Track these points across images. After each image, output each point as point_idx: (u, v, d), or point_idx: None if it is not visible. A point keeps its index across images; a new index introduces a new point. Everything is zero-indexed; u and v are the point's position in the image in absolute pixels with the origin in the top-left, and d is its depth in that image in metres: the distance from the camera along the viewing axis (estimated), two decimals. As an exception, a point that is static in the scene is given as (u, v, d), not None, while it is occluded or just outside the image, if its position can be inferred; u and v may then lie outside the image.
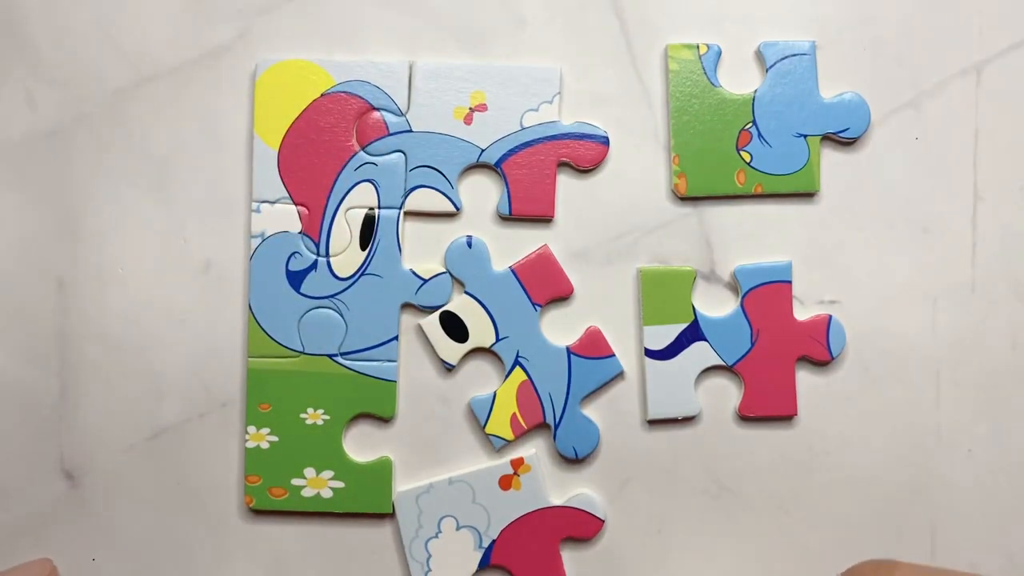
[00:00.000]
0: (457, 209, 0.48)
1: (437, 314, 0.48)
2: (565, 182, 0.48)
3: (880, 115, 0.49)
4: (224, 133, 0.48)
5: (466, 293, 0.48)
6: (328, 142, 0.47)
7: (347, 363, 0.48)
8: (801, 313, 0.48)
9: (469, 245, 0.48)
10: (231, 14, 0.48)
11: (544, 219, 0.48)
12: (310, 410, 0.48)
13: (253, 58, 0.48)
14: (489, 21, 0.48)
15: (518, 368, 0.48)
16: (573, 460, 0.48)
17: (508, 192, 0.47)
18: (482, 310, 0.48)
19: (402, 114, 0.47)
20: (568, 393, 0.47)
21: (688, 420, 0.48)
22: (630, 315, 0.48)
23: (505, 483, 0.48)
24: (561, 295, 0.48)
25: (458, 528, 0.48)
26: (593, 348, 0.48)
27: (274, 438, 0.48)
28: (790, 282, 0.48)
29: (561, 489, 0.48)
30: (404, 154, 0.47)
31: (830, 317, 0.48)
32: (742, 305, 0.48)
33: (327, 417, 0.48)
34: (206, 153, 0.48)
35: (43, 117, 0.49)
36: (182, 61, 0.48)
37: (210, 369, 0.49)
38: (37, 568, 0.46)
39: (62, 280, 0.49)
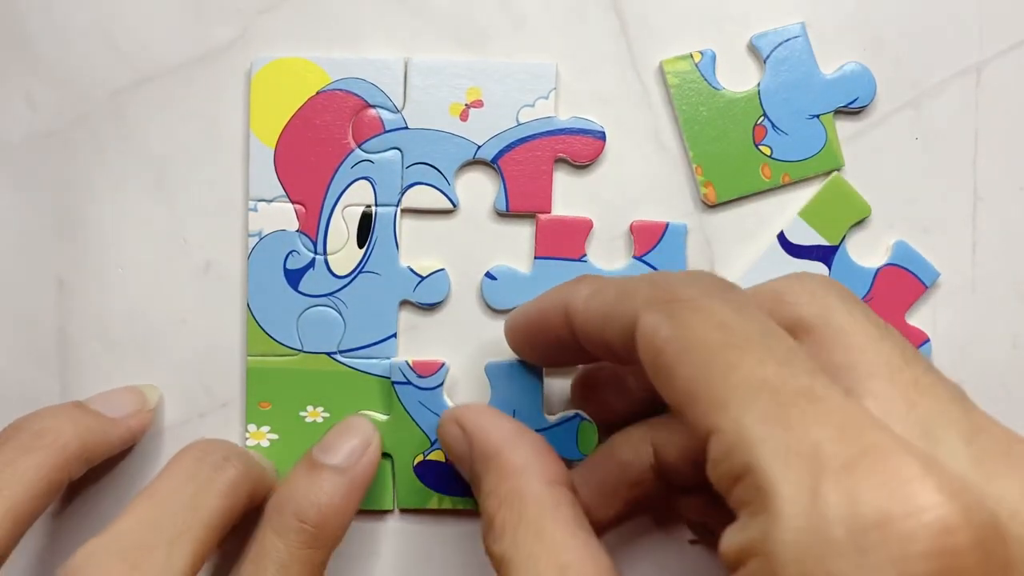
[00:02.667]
0: (454, 206, 0.48)
1: None
2: (562, 178, 0.48)
3: (880, 115, 0.49)
4: (224, 132, 0.48)
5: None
6: (324, 140, 0.47)
7: (346, 361, 0.48)
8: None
9: (494, 278, 0.48)
10: (231, 14, 0.48)
11: (541, 215, 0.48)
12: (310, 408, 0.48)
13: (253, 57, 0.48)
14: (488, 20, 0.48)
15: None
16: None
17: (505, 188, 0.48)
18: None
19: (398, 111, 0.47)
20: None
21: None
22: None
23: None
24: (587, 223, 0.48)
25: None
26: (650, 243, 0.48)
27: (274, 436, 0.48)
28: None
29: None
30: (400, 151, 0.47)
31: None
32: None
33: (327, 415, 0.48)
34: (206, 153, 0.48)
35: (43, 117, 0.49)
36: (182, 61, 0.49)
37: (210, 369, 0.49)
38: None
39: (62, 280, 0.49)
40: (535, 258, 0.48)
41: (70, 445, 0.42)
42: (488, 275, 0.48)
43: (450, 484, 0.48)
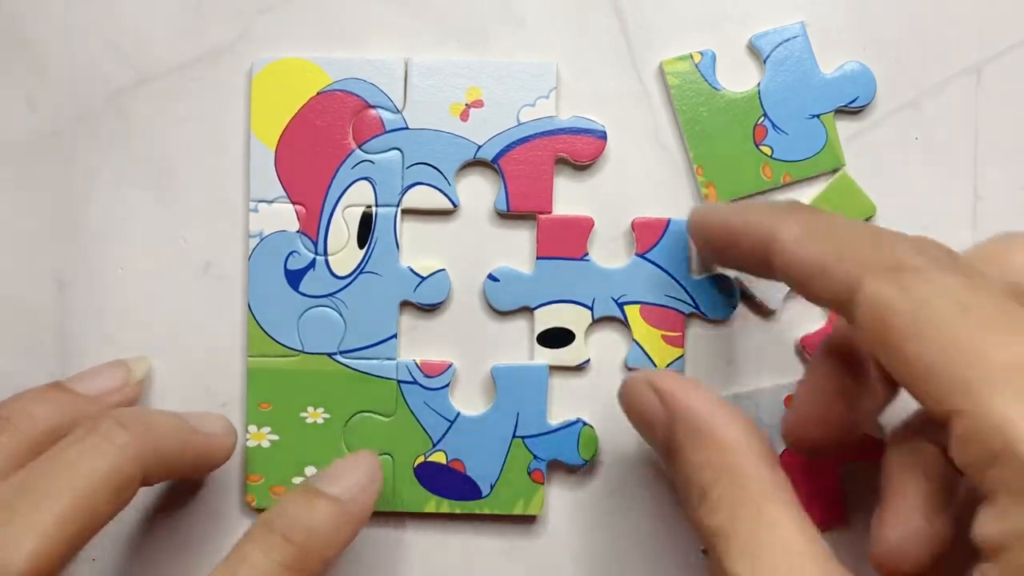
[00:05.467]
0: (455, 206, 0.48)
1: (536, 343, 0.48)
2: (562, 178, 0.48)
3: (880, 115, 0.49)
4: (224, 133, 0.48)
5: (532, 310, 0.48)
6: (325, 140, 0.47)
7: (346, 361, 0.48)
8: (804, 313, 0.48)
9: (496, 279, 0.48)
10: (231, 14, 0.48)
11: (542, 215, 0.48)
12: (310, 408, 0.48)
13: (254, 58, 0.48)
14: (488, 20, 0.48)
15: (626, 306, 0.48)
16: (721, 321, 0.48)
17: (506, 188, 0.47)
18: (557, 306, 0.48)
19: (398, 111, 0.47)
20: (679, 282, 0.48)
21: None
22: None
23: (789, 402, 0.48)
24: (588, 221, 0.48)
25: None
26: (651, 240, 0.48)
27: (275, 437, 0.48)
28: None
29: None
30: (401, 151, 0.47)
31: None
32: (750, 303, 0.48)
33: (327, 415, 0.48)
34: (206, 153, 0.48)
35: (43, 117, 0.49)
36: (182, 61, 0.49)
37: (211, 369, 0.49)
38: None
39: (62, 280, 0.49)
40: (537, 258, 0.48)
41: (39, 426, 0.41)
42: (490, 276, 0.48)
43: (449, 487, 0.48)
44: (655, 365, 0.47)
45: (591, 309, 0.48)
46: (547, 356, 0.48)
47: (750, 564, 0.34)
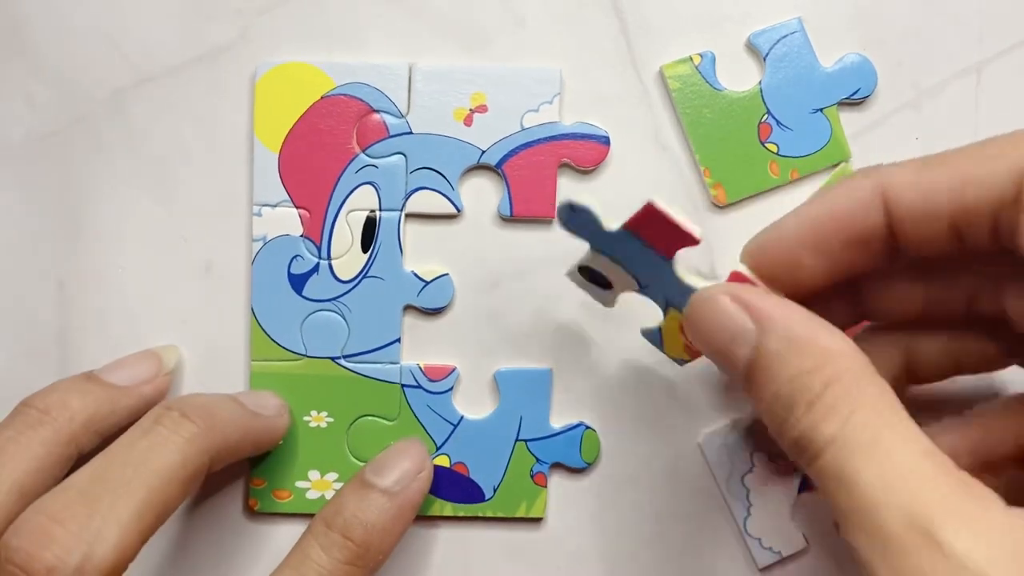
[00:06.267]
0: (458, 211, 0.48)
1: (576, 266, 0.44)
2: (566, 183, 0.48)
3: (880, 115, 0.49)
4: (225, 134, 0.48)
5: (593, 249, 0.42)
6: (329, 145, 0.47)
7: (349, 365, 0.48)
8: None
9: (573, 208, 0.40)
10: (230, 14, 0.48)
11: (545, 220, 0.48)
12: (314, 412, 0.48)
13: (254, 58, 0.48)
14: (488, 21, 0.48)
15: (673, 310, 0.42)
16: None
17: (509, 193, 0.47)
18: (616, 265, 0.42)
19: (402, 116, 0.47)
20: None
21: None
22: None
23: None
24: (686, 245, 0.39)
25: (772, 459, 0.48)
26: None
27: (278, 440, 0.48)
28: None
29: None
30: (405, 156, 0.47)
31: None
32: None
33: (331, 420, 0.48)
34: (207, 154, 0.48)
35: (43, 117, 0.48)
36: (182, 61, 0.48)
37: (212, 370, 0.49)
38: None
39: (62, 280, 0.49)
40: (624, 228, 0.39)
41: (76, 418, 0.42)
42: (571, 205, 0.40)
43: (453, 490, 0.48)
44: (663, 351, 0.46)
45: (642, 288, 0.43)
46: (579, 283, 0.45)
47: (878, 467, 0.32)
